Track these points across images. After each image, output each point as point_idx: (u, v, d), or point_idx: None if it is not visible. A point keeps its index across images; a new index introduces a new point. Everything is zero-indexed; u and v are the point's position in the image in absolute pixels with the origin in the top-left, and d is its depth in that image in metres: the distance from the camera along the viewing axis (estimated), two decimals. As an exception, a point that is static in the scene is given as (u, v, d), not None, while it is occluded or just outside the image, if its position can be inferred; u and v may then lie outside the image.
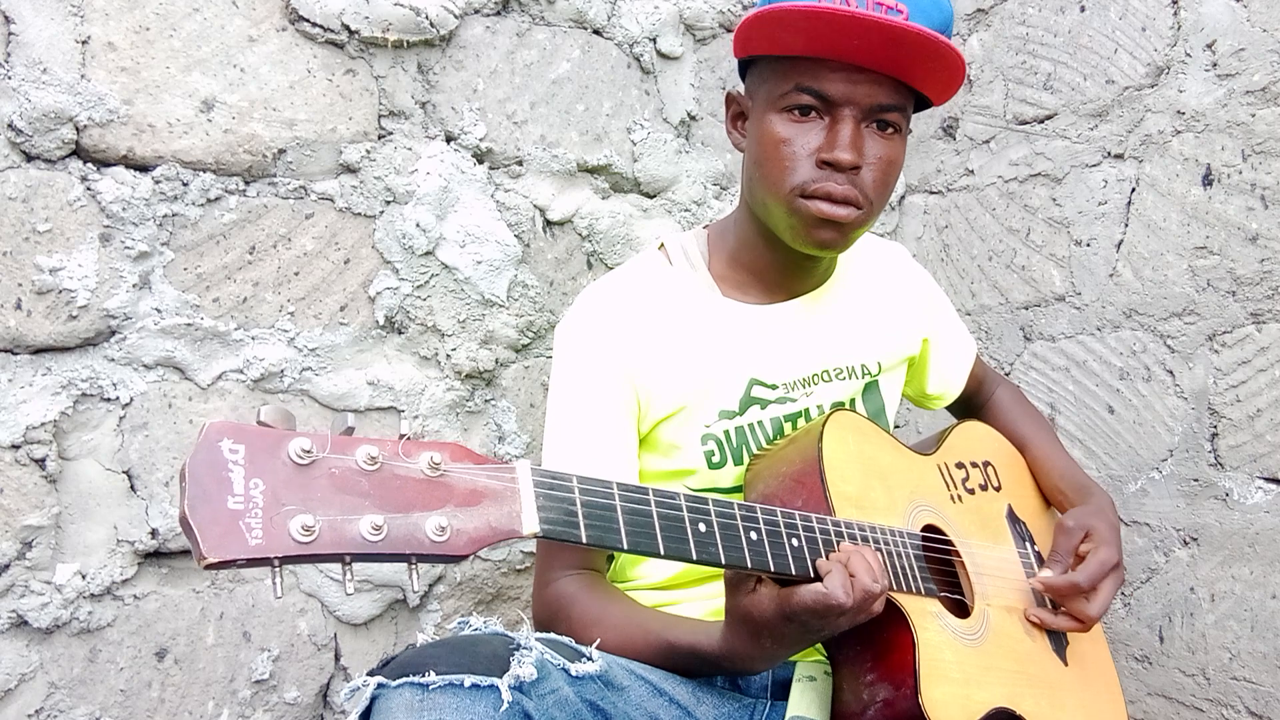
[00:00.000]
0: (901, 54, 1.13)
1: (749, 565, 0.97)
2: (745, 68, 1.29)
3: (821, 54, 1.14)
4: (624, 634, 1.15)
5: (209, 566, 0.68)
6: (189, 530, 0.68)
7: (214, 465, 0.70)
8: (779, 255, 1.29)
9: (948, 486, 1.31)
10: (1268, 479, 1.57)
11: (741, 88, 1.31)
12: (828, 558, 1.02)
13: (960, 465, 1.36)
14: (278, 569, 0.71)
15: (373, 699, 0.91)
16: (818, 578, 1.00)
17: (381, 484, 0.76)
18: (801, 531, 1.02)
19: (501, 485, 0.82)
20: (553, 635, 1.11)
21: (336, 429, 0.77)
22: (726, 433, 1.27)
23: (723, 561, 0.95)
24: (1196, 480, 1.66)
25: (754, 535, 0.98)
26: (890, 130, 1.20)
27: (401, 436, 0.79)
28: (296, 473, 0.73)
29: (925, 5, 1.14)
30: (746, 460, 1.27)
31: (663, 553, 0.90)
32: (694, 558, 0.92)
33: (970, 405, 1.59)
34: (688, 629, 1.14)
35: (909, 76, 1.17)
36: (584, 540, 0.85)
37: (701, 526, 0.94)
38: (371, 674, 0.93)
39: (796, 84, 1.17)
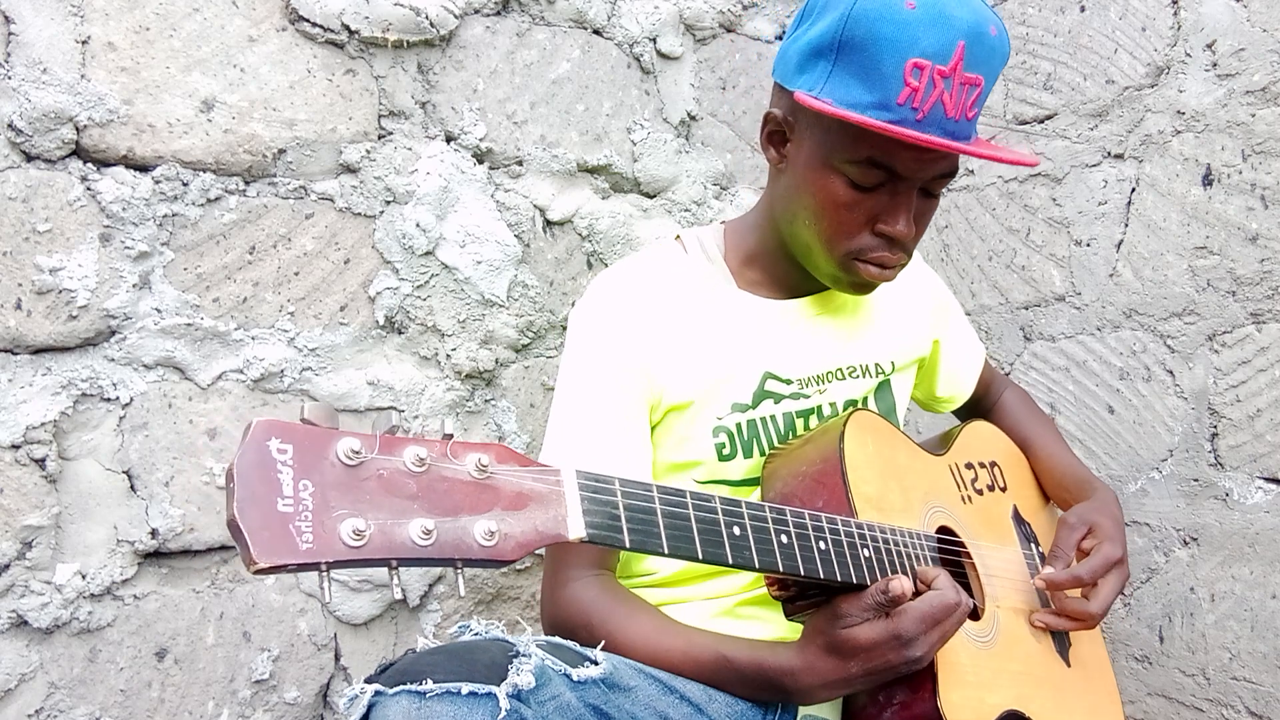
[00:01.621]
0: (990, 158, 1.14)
1: (780, 569, 0.97)
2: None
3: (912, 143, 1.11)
4: (657, 645, 1.15)
5: (259, 571, 0.66)
6: (238, 534, 0.66)
7: (263, 465, 0.68)
8: (799, 266, 1.29)
9: (959, 487, 1.31)
10: (1268, 479, 1.58)
11: (762, 101, 1.28)
12: (849, 563, 1.03)
13: (970, 466, 1.36)
14: (326, 574, 0.69)
15: (370, 706, 0.90)
16: (848, 583, 1.01)
17: (429, 486, 0.74)
18: (828, 535, 1.02)
19: (547, 488, 0.80)
20: (556, 639, 1.10)
21: (380, 426, 0.75)
22: (739, 425, 1.27)
23: (756, 565, 0.94)
24: (1196, 480, 1.66)
25: (784, 538, 0.97)
26: (941, 190, 1.20)
27: (447, 436, 0.77)
28: (345, 474, 0.71)
29: (997, 66, 1.13)
30: (756, 454, 1.27)
31: (700, 556, 0.90)
32: (729, 561, 0.92)
33: (978, 409, 1.59)
34: (746, 646, 1.13)
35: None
36: (627, 545, 0.84)
37: (736, 530, 0.93)
38: (369, 681, 0.92)
39: (869, 156, 1.13)
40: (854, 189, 1.16)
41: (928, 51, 1.06)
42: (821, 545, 1.01)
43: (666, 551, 0.87)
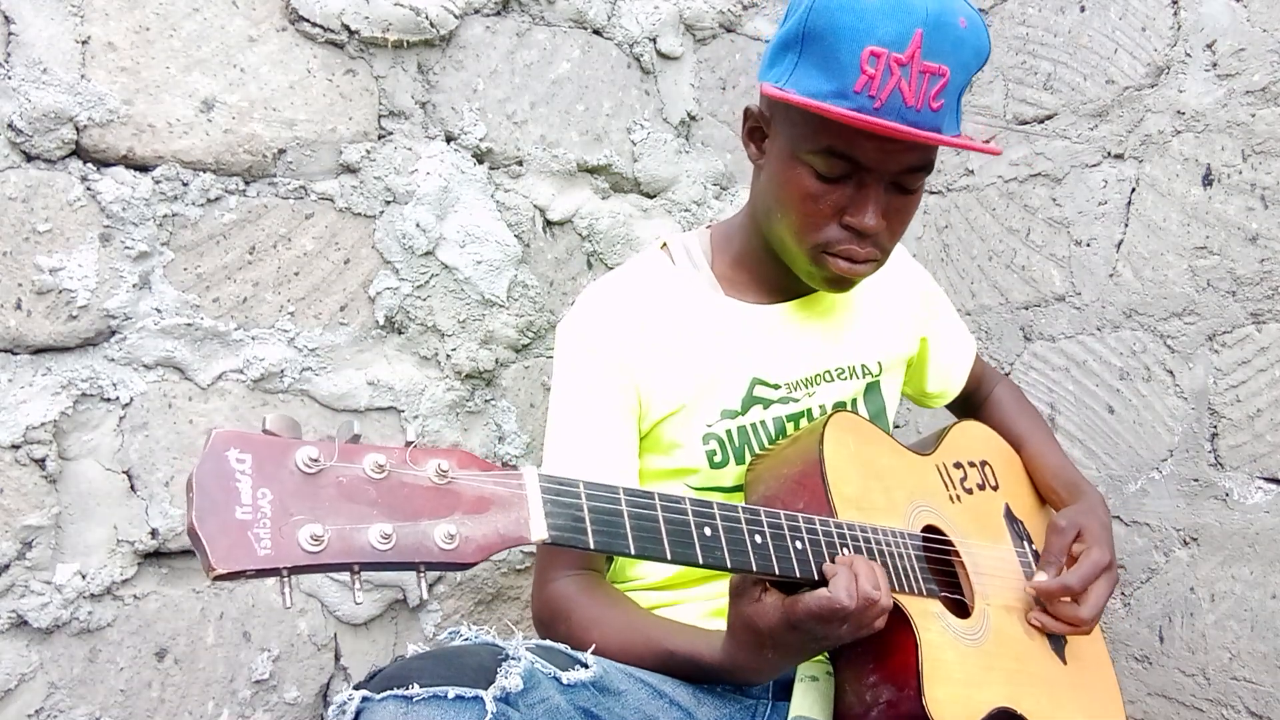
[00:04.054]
0: (948, 145, 1.13)
1: (754, 568, 0.97)
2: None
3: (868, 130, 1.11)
4: (624, 639, 1.15)
5: (218, 578, 0.68)
6: (197, 541, 0.68)
7: (221, 475, 0.70)
8: (783, 266, 1.29)
9: (946, 486, 1.31)
10: (1268, 479, 1.58)
11: (756, 101, 1.28)
12: (833, 562, 1.02)
13: (958, 465, 1.36)
14: (286, 579, 0.71)
15: (358, 712, 0.91)
16: (822, 582, 1.00)
17: (389, 492, 0.76)
18: (805, 534, 1.02)
19: (509, 492, 0.82)
20: (547, 643, 1.11)
21: (342, 435, 0.77)
22: (729, 432, 1.27)
23: (728, 565, 0.95)
24: (1196, 480, 1.66)
25: (759, 538, 0.98)
26: (914, 185, 1.19)
27: (408, 444, 0.78)
28: (304, 482, 0.73)
29: (967, 59, 1.12)
30: (748, 460, 1.27)
31: (669, 557, 0.90)
32: (700, 561, 0.92)
33: (969, 403, 1.59)
34: (687, 638, 1.13)
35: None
36: (592, 546, 0.85)
37: (707, 530, 0.94)
38: (358, 687, 0.93)
39: (830, 146, 1.14)
40: (819, 180, 1.16)
41: (884, 40, 1.07)
42: (798, 545, 1.01)
43: (634, 552, 0.88)
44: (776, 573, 0.98)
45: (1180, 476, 1.69)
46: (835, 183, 1.16)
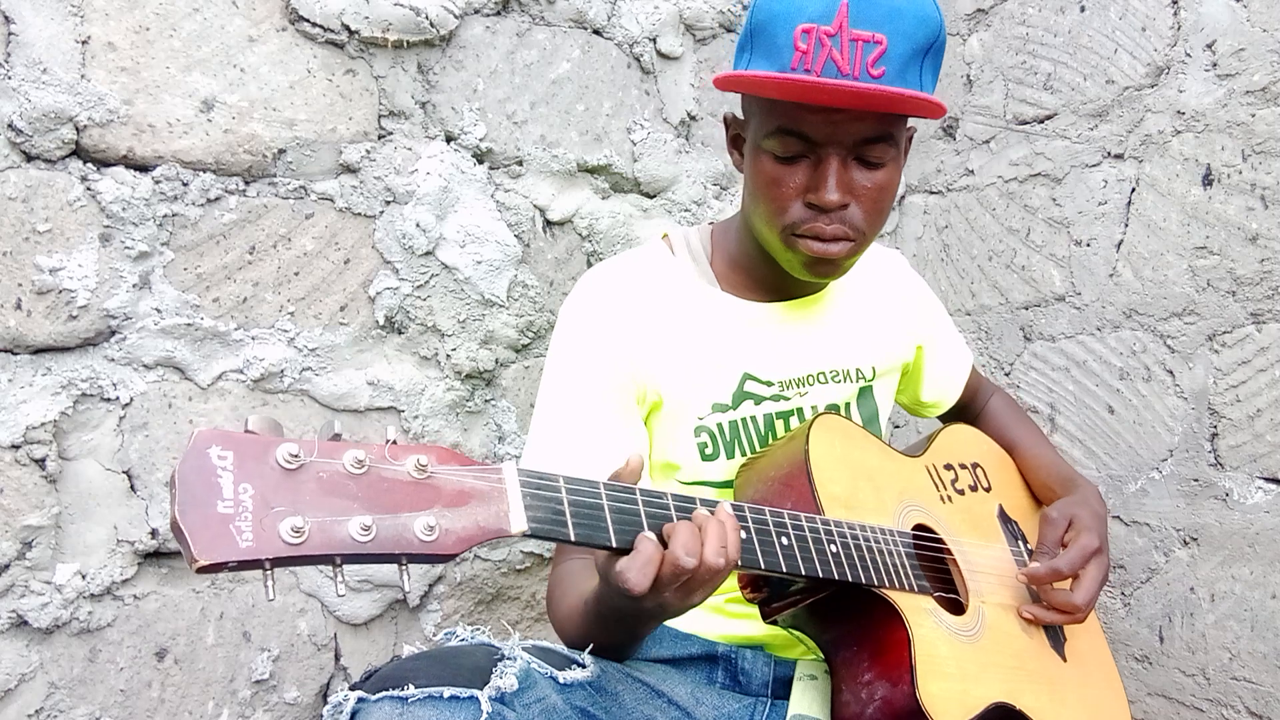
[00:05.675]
0: (876, 103, 1.11)
1: (739, 563, 0.97)
2: None
3: (799, 101, 1.12)
4: (567, 606, 1.15)
5: (201, 570, 0.69)
6: (180, 535, 0.69)
7: (203, 471, 0.72)
8: (777, 266, 1.29)
9: (937, 487, 1.32)
10: (1268, 479, 1.57)
11: (739, 109, 1.30)
12: (829, 557, 1.03)
13: (949, 466, 1.36)
14: (269, 570, 0.72)
15: (354, 713, 0.92)
16: (814, 578, 1.01)
17: (369, 486, 0.77)
18: (791, 530, 1.02)
19: (488, 486, 0.83)
20: (545, 643, 1.11)
21: (323, 435, 0.79)
22: (720, 426, 1.28)
23: None
24: (1196, 480, 1.66)
25: (743, 534, 0.99)
26: (877, 159, 1.17)
27: (388, 440, 0.80)
28: (285, 477, 0.74)
29: (908, 28, 1.10)
30: (738, 455, 1.28)
31: None
32: None
33: (965, 414, 1.59)
34: (594, 587, 1.08)
35: (889, 112, 1.15)
36: (573, 538, 0.87)
37: None
38: (353, 688, 0.94)
39: (779, 125, 1.15)
40: (778, 163, 1.17)
41: (813, 15, 1.09)
42: (784, 540, 1.01)
43: (615, 545, 0.89)
44: (761, 567, 0.99)
45: (1180, 476, 1.69)
46: (794, 163, 1.17)
